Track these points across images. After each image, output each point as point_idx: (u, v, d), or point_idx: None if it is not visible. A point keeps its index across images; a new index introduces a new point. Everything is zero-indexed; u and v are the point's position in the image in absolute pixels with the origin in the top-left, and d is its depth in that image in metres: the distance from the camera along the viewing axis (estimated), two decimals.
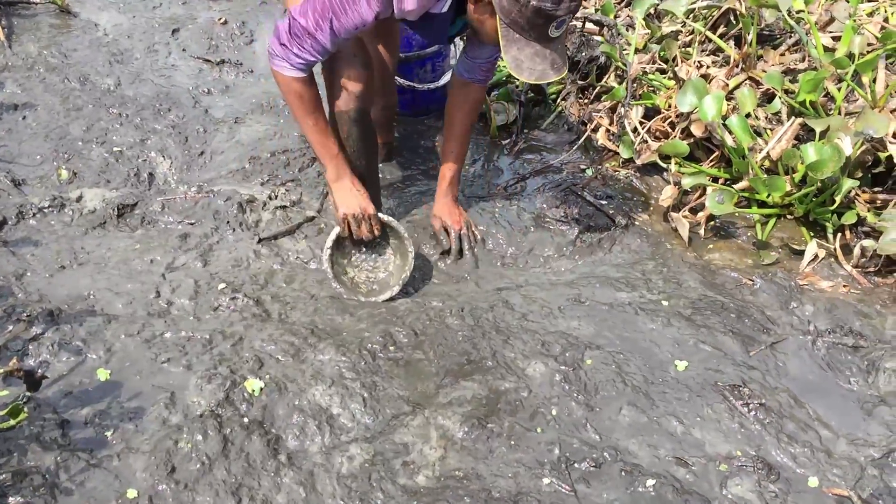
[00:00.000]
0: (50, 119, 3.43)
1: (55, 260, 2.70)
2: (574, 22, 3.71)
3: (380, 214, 2.80)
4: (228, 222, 2.95)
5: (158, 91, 3.73)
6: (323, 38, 2.31)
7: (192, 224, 2.94)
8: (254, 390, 2.26)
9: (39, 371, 2.18)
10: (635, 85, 3.53)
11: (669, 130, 3.41)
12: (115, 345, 2.38)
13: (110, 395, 2.23)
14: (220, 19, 4.37)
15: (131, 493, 1.96)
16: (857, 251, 2.88)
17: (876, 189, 3.02)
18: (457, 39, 3.36)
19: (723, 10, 3.52)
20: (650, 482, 2.10)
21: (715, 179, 3.21)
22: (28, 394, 2.13)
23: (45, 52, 3.90)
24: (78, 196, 3.00)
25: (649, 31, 3.69)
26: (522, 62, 2.23)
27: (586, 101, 3.77)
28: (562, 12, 2.15)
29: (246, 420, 2.18)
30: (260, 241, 2.89)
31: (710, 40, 3.54)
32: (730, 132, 3.10)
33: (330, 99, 2.63)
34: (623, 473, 2.13)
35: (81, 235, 2.84)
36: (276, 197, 3.10)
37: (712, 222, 3.12)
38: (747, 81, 3.32)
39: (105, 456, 2.05)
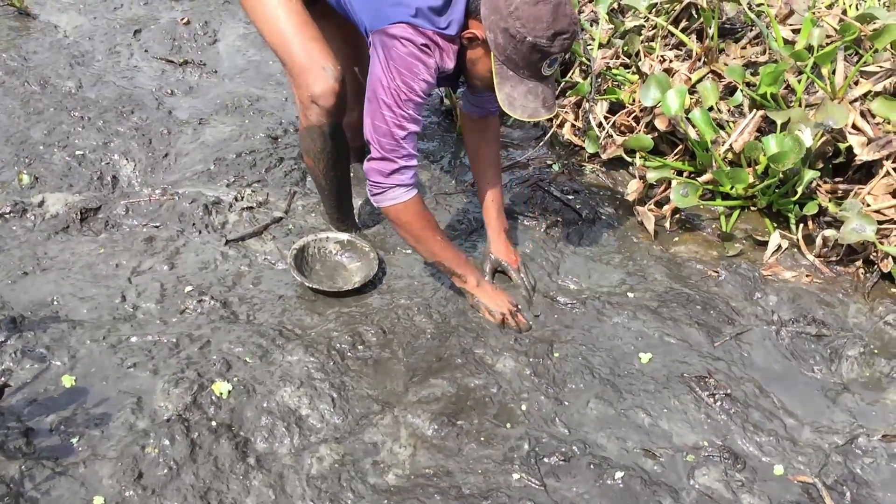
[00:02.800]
0: (10, 123, 3.38)
1: (17, 266, 2.67)
2: None
3: (342, 235, 2.86)
4: (194, 224, 2.93)
5: (121, 93, 3.69)
6: (411, 124, 2.30)
7: (157, 227, 2.91)
8: (221, 393, 2.25)
9: (2, 379, 2.15)
10: (600, 80, 3.55)
11: (634, 125, 3.44)
12: (80, 351, 2.36)
13: (76, 401, 2.20)
14: (182, 19, 4.33)
15: (98, 501, 1.95)
16: (819, 241, 2.92)
17: (837, 179, 3.06)
18: None
19: (684, 4, 3.54)
20: (619, 474, 2.12)
21: (679, 173, 3.24)
22: None
23: (3, 55, 3.84)
24: (40, 201, 2.96)
25: (613, 27, 3.71)
26: (515, 99, 2.24)
27: None
28: (556, 49, 2.16)
29: (214, 423, 2.16)
30: (227, 242, 2.87)
31: (673, 34, 3.57)
32: (693, 126, 3.13)
33: (302, 113, 2.58)
34: (592, 466, 2.15)
35: (44, 241, 2.81)
36: (243, 198, 3.08)
37: (677, 215, 3.15)
38: (709, 75, 3.35)
39: (71, 463, 2.03)
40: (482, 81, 2.34)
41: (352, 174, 2.88)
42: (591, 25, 3.81)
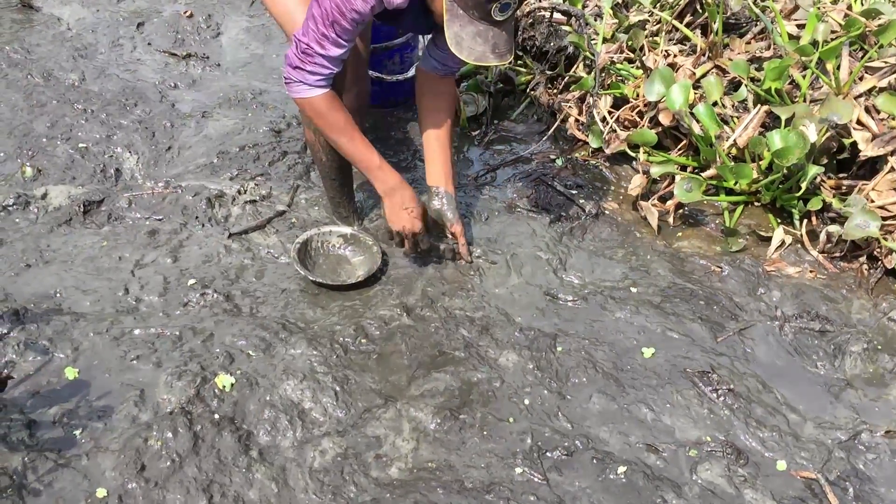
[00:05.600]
0: (13, 116, 3.37)
1: (20, 258, 2.67)
2: (542, 12, 3.72)
3: (345, 229, 2.86)
4: (197, 217, 2.93)
5: (124, 86, 3.68)
6: (331, 47, 2.32)
7: (160, 220, 2.91)
8: (224, 386, 2.25)
9: (5, 371, 2.16)
10: (604, 74, 3.54)
11: (638, 119, 3.43)
12: (83, 343, 2.36)
13: (78, 393, 2.21)
14: (185, 12, 4.32)
15: (101, 493, 1.95)
16: (823, 237, 2.91)
17: (841, 175, 3.05)
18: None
19: None
20: (621, 469, 2.12)
21: (683, 168, 3.23)
22: None
23: (7, 47, 3.84)
24: (43, 193, 2.96)
25: (617, 21, 3.70)
26: (463, 40, 2.21)
27: (555, 91, 3.77)
28: None
29: (217, 416, 2.17)
30: (230, 236, 2.87)
31: (677, 29, 3.56)
32: (697, 120, 3.12)
33: None
34: (594, 461, 2.15)
35: (47, 233, 2.81)
36: (246, 191, 3.07)
37: (681, 210, 3.14)
38: (714, 70, 3.33)
39: (74, 455, 2.04)
40: (437, 19, 2.33)
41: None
42: (596, 20, 3.80)
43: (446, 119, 2.74)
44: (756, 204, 3.16)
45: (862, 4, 3.35)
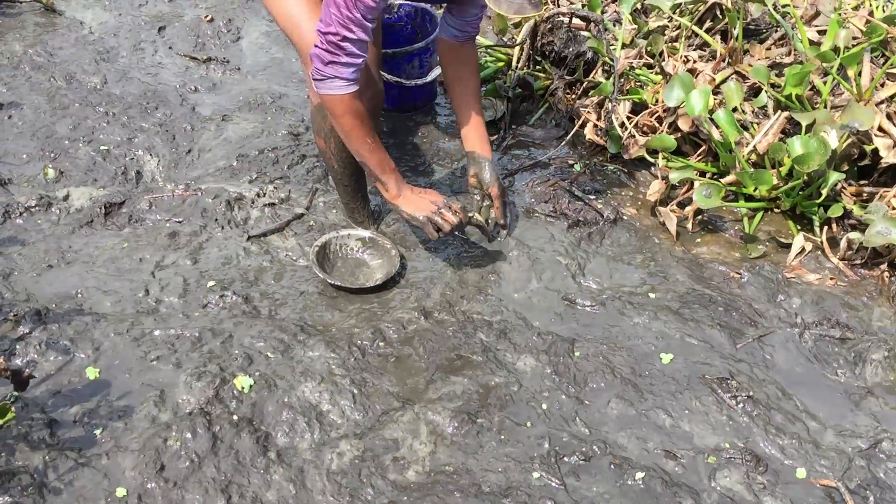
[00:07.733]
0: (36, 118, 3.41)
1: (42, 259, 2.70)
2: (561, 17, 3.72)
3: (364, 233, 2.88)
4: (217, 220, 2.95)
5: (145, 89, 3.72)
6: (358, 30, 2.31)
7: (180, 222, 2.93)
8: (243, 388, 2.26)
9: (27, 370, 2.17)
10: (622, 80, 3.53)
11: (657, 125, 3.42)
12: (104, 343, 2.38)
13: (99, 393, 2.23)
14: (206, 17, 4.36)
15: (120, 492, 1.97)
16: (843, 244, 2.89)
17: (862, 182, 3.03)
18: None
19: (709, 4, 3.52)
20: (639, 475, 2.11)
21: (702, 174, 3.22)
22: (15, 393, 2.13)
23: (30, 50, 3.89)
24: (65, 195, 2.99)
25: (636, 26, 3.69)
26: None
27: (574, 96, 3.77)
28: None
29: (235, 417, 2.18)
30: (249, 238, 2.88)
31: (697, 35, 3.55)
32: (717, 126, 3.10)
33: (312, 91, 2.62)
34: (612, 466, 2.14)
35: (69, 234, 2.83)
36: (265, 194, 3.09)
37: (700, 216, 3.13)
38: (734, 76, 3.32)
39: (94, 455, 2.05)
40: None
41: None
42: (615, 25, 3.80)
43: (473, 84, 2.82)
44: (776, 210, 3.15)
45: (884, 11, 3.34)
